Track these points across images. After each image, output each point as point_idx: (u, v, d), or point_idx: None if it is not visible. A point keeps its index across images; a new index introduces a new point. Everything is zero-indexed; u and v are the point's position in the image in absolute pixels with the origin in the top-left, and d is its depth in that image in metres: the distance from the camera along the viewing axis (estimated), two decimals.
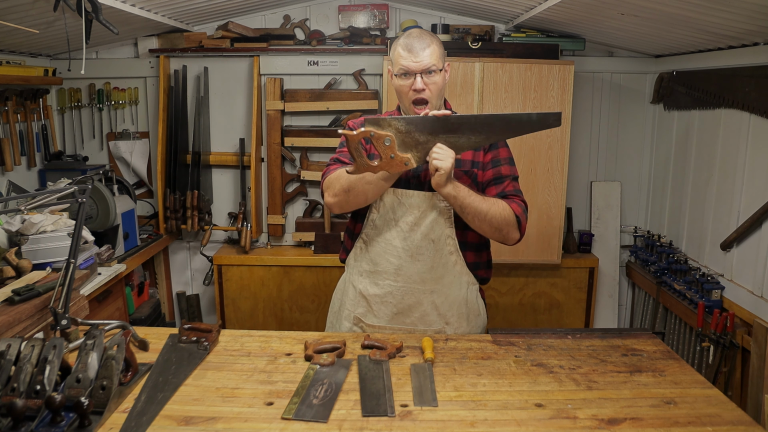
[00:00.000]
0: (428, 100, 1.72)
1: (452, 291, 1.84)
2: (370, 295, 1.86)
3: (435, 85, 1.72)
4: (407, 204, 1.78)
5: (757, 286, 2.46)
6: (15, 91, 3.10)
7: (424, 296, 1.83)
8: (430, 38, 1.73)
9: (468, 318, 1.89)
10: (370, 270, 1.85)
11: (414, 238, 1.78)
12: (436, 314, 1.85)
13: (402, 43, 1.72)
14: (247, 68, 3.50)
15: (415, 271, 1.81)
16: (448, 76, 1.78)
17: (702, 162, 2.97)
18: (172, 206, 3.46)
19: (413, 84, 1.70)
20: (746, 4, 1.93)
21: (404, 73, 1.71)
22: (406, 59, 1.69)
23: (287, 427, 1.25)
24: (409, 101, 1.73)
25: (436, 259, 1.80)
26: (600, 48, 3.46)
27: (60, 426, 1.20)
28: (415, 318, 1.84)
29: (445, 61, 1.76)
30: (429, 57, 1.69)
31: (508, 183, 1.80)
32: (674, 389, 1.43)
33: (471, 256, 1.85)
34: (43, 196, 1.72)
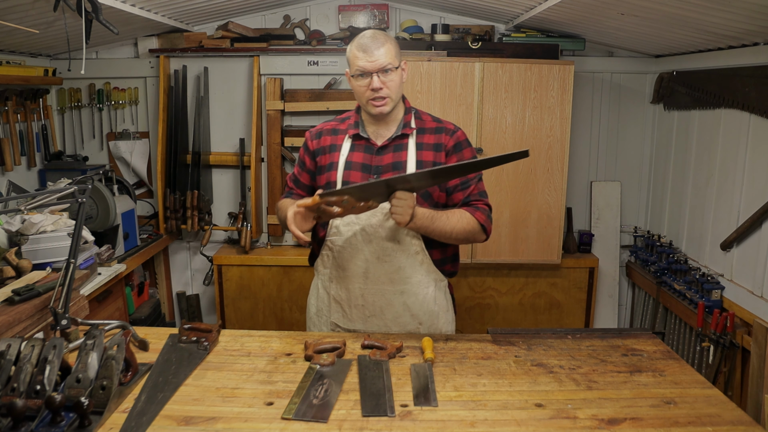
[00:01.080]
0: (386, 97, 1.74)
1: (421, 290, 1.86)
2: (342, 299, 1.88)
3: (392, 83, 1.74)
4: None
5: (757, 286, 2.46)
6: (15, 91, 3.10)
7: (394, 297, 1.84)
8: (384, 38, 1.75)
9: (438, 315, 1.91)
10: (339, 275, 1.87)
11: (379, 241, 1.80)
12: (409, 315, 1.86)
13: (356, 44, 1.74)
14: (247, 68, 3.50)
15: (383, 272, 1.82)
16: (405, 75, 1.81)
17: (702, 162, 2.97)
18: (172, 206, 3.46)
19: (370, 83, 1.72)
20: (746, 4, 1.93)
21: (361, 73, 1.72)
22: (361, 59, 1.71)
23: (287, 427, 1.25)
24: (367, 99, 1.75)
25: (402, 259, 1.82)
26: (600, 48, 3.46)
27: (60, 426, 1.20)
28: (389, 320, 1.86)
29: (401, 60, 1.78)
30: (384, 56, 1.71)
31: (474, 187, 1.81)
32: (674, 389, 1.43)
33: (437, 254, 1.87)
34: (43, 196, 1.72)
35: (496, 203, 3.15)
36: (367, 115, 1.83)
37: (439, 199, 1.83)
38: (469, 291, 3.38)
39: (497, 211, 3.16)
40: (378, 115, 1.77)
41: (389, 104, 1.75)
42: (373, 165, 1.80)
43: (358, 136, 1.83)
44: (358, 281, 1.84)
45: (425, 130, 1.84)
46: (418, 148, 1.80)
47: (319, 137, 1.90)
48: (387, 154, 1.81)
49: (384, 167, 1.79)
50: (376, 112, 1.76)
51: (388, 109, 1.75)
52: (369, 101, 1.74)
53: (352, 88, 1.79)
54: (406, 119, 1.84)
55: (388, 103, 1.75)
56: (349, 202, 1.56)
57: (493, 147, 3.10)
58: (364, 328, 1.86)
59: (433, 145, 1.81)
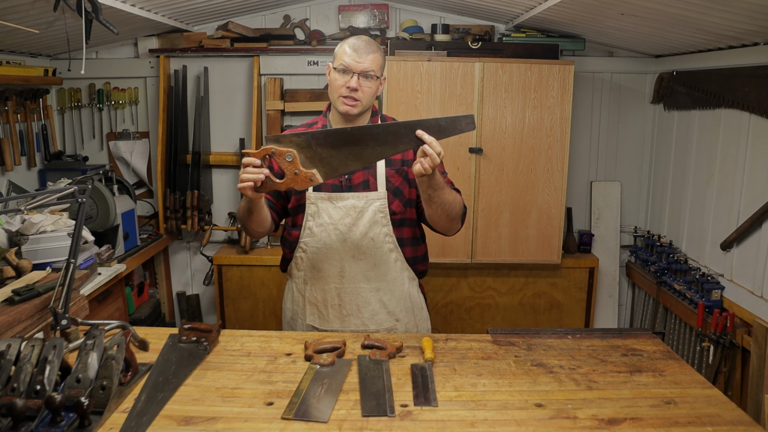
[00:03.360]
0: (358, 100, 1.75)
1: (396, 287, 1.88)
2: (318, 301, 1.89)
3: (369, 89, 1.76)
4: (343, 207, 1.81)
5: (757, 286, 2.46)
6: (15, 91, 3.10)
7: (370, 294, 1.86)
8: (377, 48, 1.78)
9: (413, 312, 1.93)
10: (314, 276, 1.88)
11: (353, 239, 1.82)
12: (385, 312, 1.88)
13: (350, 42, 1.77)
14: (247, 68, 3.50)
15: (358, 270, 1.84)
16: (381, 89, 1.83)
17: (702, 162, 2.97)
18: (172, 206, 3.46)
19: (348, 81, 1.73)
20: (746, 4, 1.93)
21: (344, 69, 1.74)
22: (349, 56, 1.74)
23: (287, 427, 1.25)
24: (339, 95, 1.76)
25: (377, 256, 1.84)
26: (600, 48, 3.46)
27: (60, 426, 1.19)
28: (366, 318, 1.87)
29: (383, 75, 1.81)
30: (371, 62, 1.74)
31: (446, 179, 1.81)
32: (674, 389, 1.43)
33: (409, 251, 1.89)
34: (43, 196, 1.72)
35: (496, 203, 3.16)
36: (336, 118, 1.84)
37: (410, 195, 1.85)
38: (469, 291, 3.38)
39: (497, 211, 3.17)
40: (345, 114, 1.78)
41: (358, 107, 1.76)
42: None
43: None
44: (334, 281, 1.85)
45: None
46: None
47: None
48: None
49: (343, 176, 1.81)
50: (343, 110, 1.77)
51: (355, 111, 1.76)
52: (341, 98, 1.76)
53: (329, 81, 1.80)
54: (373, 120, 1.87)
55: (357, 107, 1.76)
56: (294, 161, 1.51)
57: (493, 147, 3.10)
58: (341, 328, 1.88)
59: None
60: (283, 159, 1.53)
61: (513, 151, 3.11)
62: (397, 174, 1.83)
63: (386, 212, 1.82)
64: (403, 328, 1.90)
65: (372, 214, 1.81)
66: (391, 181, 1.82)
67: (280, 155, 1.53)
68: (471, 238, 3.19)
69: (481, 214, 3.16)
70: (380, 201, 1.81)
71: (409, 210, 1.87)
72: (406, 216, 1.86)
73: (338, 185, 1.83)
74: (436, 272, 3.27)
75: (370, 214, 1.81)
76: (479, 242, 3.20)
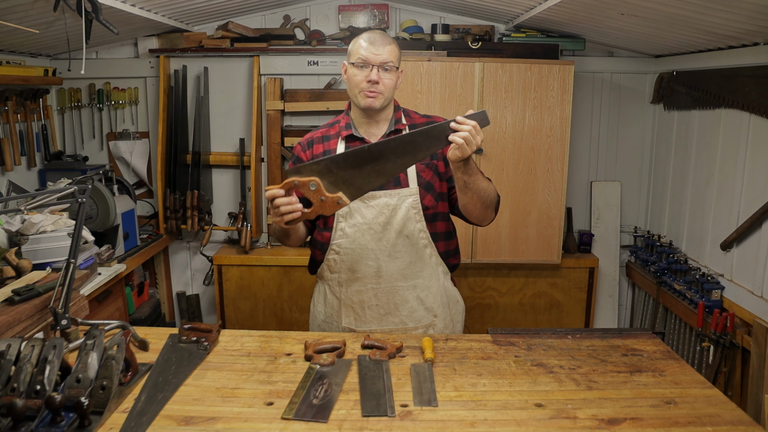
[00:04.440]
0: (380, 93, 1.74)
1: (433, 282, 1.87)
2: (355, 303, 1.86)
3: (389, 81, 1.75)
4: (376, 206, 1.79)
5: (757, 286, 2.46)
6: (15, 91, 3.10)
7: (408, 292, 1.85)
8: (392, 40, 1.78)
9: (449, 306, 1.92)
10: (350, 278, 1.85)
11: (389, 237, 1.80)
12: (423, 309, 1.86)
13: (365, 36, 1.76)
14: (247, 68, 3.50)
15: (395, 268, 1.82)
16: (399, 82, 1.82)
17: (702, 162, 2.97)
18: (172, 206, 3.46)
19: (368, 75, 1.72)
20: (746, 4, 1.93)
21: (362, 63, 1.73)
22: (366, 50, 1.73)
23: (287, 427, 1.25)
24: (360, 90, 1.74)
25: (413, 253, 1.82)
26: (600, 48, 3.46)
27: (60, 426, 1.19)
28: (404, 316, 1.85)
29: (400, 67, 1.80)
30: (389, 53, 1.73)
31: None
32: (674, 389, 1.43)
33: (442, 246, 1.88)
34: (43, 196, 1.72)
35: None
36: (358, 115, 1.82)
37: (441, 189, 1.83)
38: (469, 291, 3.38)
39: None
40: (367, 109, 1.76)
41: (380, 100, 1.75)
42: None
43: (352, 136, 1.83)
44: (371, 281, 1.83)
45: (417, 125, 1.84)
46: None
47: (310, 146, 1.88)
48: None
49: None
50: (365, 104, 1.75)
51: (377, 104, 1.75)
52: (362, 92, 1.74)
53: (347, 79, 1.78)
54: (397, 116, 1.85)
55: (379, 99, 1.74)
56: (318, 189, 1.52)
57: (493, 147, 3.10)
58: (379, 328, 1.85)
59: None
60: (306, 188, 1.53)
61: (513, 151, 3.11)
62: (427, 168, 1.81)
63: (419, 208, 1.80)
64: (441, 324, 1.88)
65: (405, 210, 1.79)
66: (422, 176, 1.80)
67: (303, 185, 1.53)
68: (471, 238, 3.19)
69: None
70: (413, 197, 1.79)
71: (441, 204, 1.85)
72: (438, 210, 1.84)
73: None
74: None
75: (404, 210, 1.79)
76: (479, 242, 3.20)
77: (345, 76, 1.80)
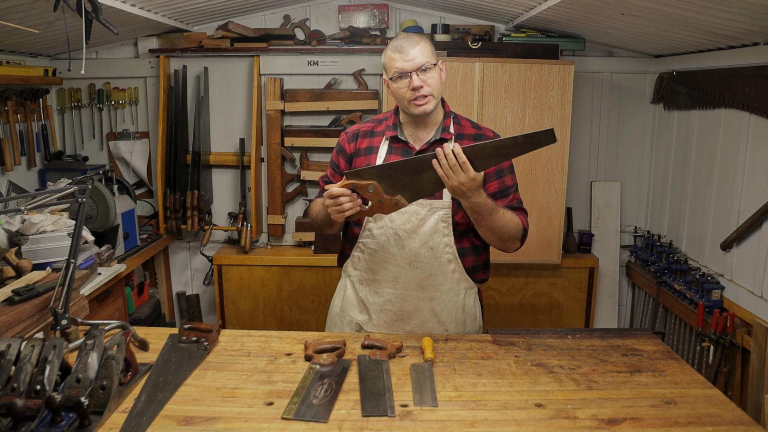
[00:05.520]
0: (428, 95, 1.70)
1: (450, 298, 1.84)
2: (370, 303, 1.86)
3: (433, 80, 1.70)
4: (405, 212, 1.76)
5: (757, 286, 2.46)
6: (15, 91, 3.10)
7: (423, 303, 1.83)
8: (418, 37, 1.72)
9: (465, 323, 1.89)
10: (369, 278, 1.86)
11: (412, 246, 1.77)
12: (435, 321, 1.85)
13: (392, 47, 1.72)
14: (247, 68, 3.50)
15: (413, 278, 1.80)
16: (444, 74, 1.76)
17: (702, 162, 2.97)
18: (172, 206, 3.46)
19: (411, 83, 1.68)
20: (746, 4, 1.93)
21: (399, 75, 1.69)
22: (398, 61, 1.68)
23: (287, 427, 1.25)
24: (409, 100, 1.71)
25: (434, 266, 1.79)
26: (600, 48, 3.46)
27: (60, 426, 1.20)
28: (414, 325, 1.85)
29: (437, 58, 1.74)
30: (420, 54, 1.68)
31: (513, 196, 1.80)
32: (674, 389, 1.43)
33: (469, 261, 1.85)
34: (43, 196, 1.72)
35: None
36: (406, 117, 1.80)
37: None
38: None
39: None
40: (421, 115, 1.73)
41: (431, 102, 1.71)
42: None
43: (396, 138, 1.80)
44: (388, 286, 1.82)
45: (464, 136, 1.80)
46: None
47: (355, 139, 1.87)
48: None
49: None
50: (419, 112, 1.71)
51: (431, 107, 1.71)
52: (411, 102, 1.71)
53: (393, 93, 1.75)
54: (445, 123, 1.80)
55: (430, 101, 1.70)
56: (377, 191, 1.54)
57: None
58: (388, 332, 1.84)
59: None
60: (365, 190, 1.56)
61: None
62: None
63: (449, 222, 1.77)
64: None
65: (434, 222, 1.76)
66: None
67: (362, 188, 1.56)
68: None
69: None
70: (444, 210, 1.76)
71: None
72: (469, 226, 1.77)
73: None
74: None
75: (432, 222, 1.76)
76: None
77: (389, 91, 1.76)
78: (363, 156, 1.84)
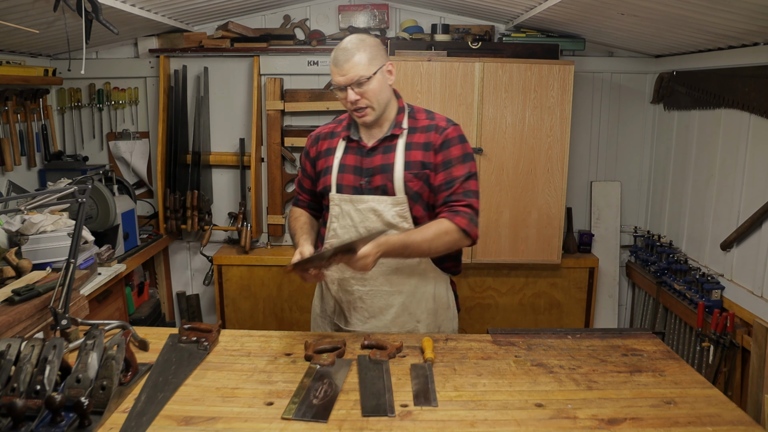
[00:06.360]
0: (366, 107, 1.72)
1: (419, 289, 1.85)
2: (344, 302, 1.88)
3: (370, 92, 1.69)
4: (363, 209, 1.78)
5: (757, 286, 2.46)
6: (15, 91, 3.10)
7: (392, 298, 1.84)
8: (355, 47, 1.67)
9: (437, 312, 1.89)
10: (339, 277, 1.87)
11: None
12: (407, 314, 1.86)
13: (332, 56, 1.71)
14: (247, 68, 3.50)
15: (379, 274, 1.81)
16: (390, 76, 1.76)
17: (702, 162, 2.97)
18: (172, 206, 3.46)
19: (347, 96, 1.69)
20: (746, 4, 1.93)
21: (337, 88, 1.71)
22: (335, 74, 1.69)
23: (287, 427, 1.25)
24: (350, 110, 1.75)
25: (399, 261, 1.80)
26: (600, 48, 3.46)
27: (60, 426, 1.19)
28: (388, 321, 1.85)
29: (380, 64, 1.70)
30: (353, 68, 1.65)
31: (458, 186, 1.74)
32: (674, 389, 1.43)
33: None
34: (43, 196, 1.72)
35: (496, 203, 3.16)
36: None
37: (429, 200, 1.80)
38: (469, 291, 3.38)
39: (497, 211, 3.17)
40: (364, 124, 1.77)
41: (371, 114, 1.73)
42: (363, 167, 1.79)
43: (350, 138, 1.82)
44: (357, 283, 1.84)
45: (417, 129, 1.80)
46: (407, 148, 1.77)
47: (316, 143, 1.90)
48: (376, 156, 1.78)
49: (374, 169, 1.77)
50: (360, 122, 1.77)
51: (370, 119, 1.74)
52: (352, 112, 1.75)
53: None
54: (398, 119, 1.80)
55: (369, 113, 1.73)
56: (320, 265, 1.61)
57: (493, 147, 3.10)
58: (363, 330, 1.86)
59: (422, 144, 1.77)
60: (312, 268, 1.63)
61: (513, 151, 3.11)
62: (415, 178, 1.75)
63: (407, 216, 1.77)
64: (424, 329, 1.87)
65: (392, 218, 1.77)
66: (410, 186, 1.75)
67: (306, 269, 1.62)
68: None
69: (481, 214, 3.14)
70: (399, 206, 1.76)
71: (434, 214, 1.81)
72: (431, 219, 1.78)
73: (359, 187, 1.78)
74: None
75: (389, 218, 1.77)
76: (479, 242, 3.18)
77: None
78: (323, 158, 1.86)
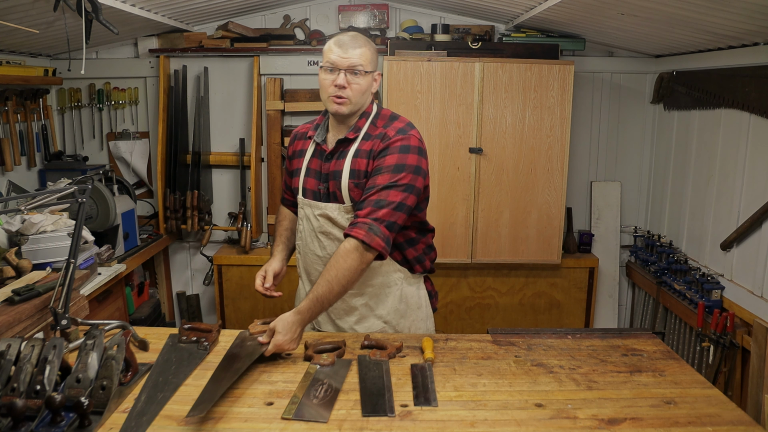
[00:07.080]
0: (346, 98, 1.67)
1: (383, 290, 1.83)
2: None
3: (357, 86, 1.67)
4: (319, 216, 1.77)
5: (757, 286, 2.46)
6: (15, 91, 3.10)
7: (355, 300, 1.82)
8: (365, 42, 1.68)
9: (407, 313, 1.86)
10: (307, 278, 1.89)
11: (332, 247, 1.76)
12: (373, 316, 1.84)
13: (336, 38, 1.69)
14: (247, 68, 3.50)
15: None
16: (376, 85, 1.75)
17: (702, 162, 2.97)
18: (172, 206, 3.46)
19: (336, 79, 1.66)
20: (746, 4, 1.93)
21: (330, 67, 1.67)
22: (334, 53, 1.66)
23: (287, 427, 1.25)
24: (329, 95, 1.69)
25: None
26: (600, 48, 3.46)
27: (60, 426, 1.19)
28: (353, 323, 1.84)
29: (375, 69, 1.72)
30: (358, 57, 1.64)
31: (375, 194, 1.64)
32: (674, 389, 1.43)
33: (397, 255, 1.82)
34: (43, 196, 1.72)
35: (496, 203, 3.16)
36: (332, 117, 1.77)
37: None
38: (469, 291, 3.38)
39: (497, 211, 3.17)
40: (335, 114, 1.71)
41: (347, 106, 1.68)
42: (322, 172, 1.77)
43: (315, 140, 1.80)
44: None
45: (370, 136, 1.73)
46: (354, 155, 1.72)
47: (293, 142, 1.90)
48: (332, 161, 1.75)
49: (329, 175, 1.75)
50: (333, 110, 1.70)
51: (345, 110, 1.69)
52: (330, 97, 1.68)
53: (319, 81, 1.72)
54: (359, 123, 1.75)
55: (346, 104, 1.68)
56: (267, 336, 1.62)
57: (493, 147, 3.10)
58: (334, 330, 1.87)
59: (367, 152, 1.71)
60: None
61: (513, 151, 3.11)
62: (356, 188, 1.71)
63: None
64: (392, 330, 1.85)
65: (344, 223, 1.74)
66: (352, 195, 1.72)
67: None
68: (471, 238, 3.19)
69: (481, 214, 3.16)
70: (350, 214, 1.73)
71: None
72: None
73: (317, 192, 1.78)
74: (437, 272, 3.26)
75: (343, 223, 1.74)
76: (479, 242, 3.20)
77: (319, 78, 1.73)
78: (297, 158, 1.86)
